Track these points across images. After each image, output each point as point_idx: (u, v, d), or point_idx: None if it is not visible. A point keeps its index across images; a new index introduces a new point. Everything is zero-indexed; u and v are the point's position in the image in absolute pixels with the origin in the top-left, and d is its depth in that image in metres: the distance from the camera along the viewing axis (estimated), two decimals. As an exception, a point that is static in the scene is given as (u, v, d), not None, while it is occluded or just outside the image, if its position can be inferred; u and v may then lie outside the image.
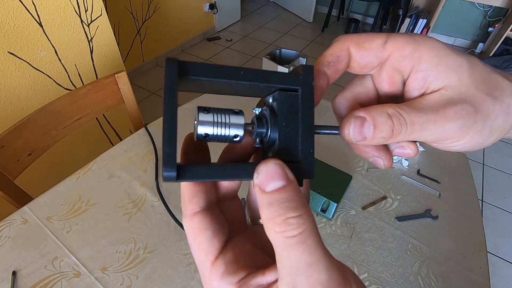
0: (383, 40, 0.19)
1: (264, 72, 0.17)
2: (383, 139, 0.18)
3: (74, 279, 0.57)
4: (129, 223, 0.66)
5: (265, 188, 0.15)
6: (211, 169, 0.16)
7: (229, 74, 0.17)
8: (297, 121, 0.18)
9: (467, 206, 0.74)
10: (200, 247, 0.17)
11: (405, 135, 0.18)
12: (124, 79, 0.94)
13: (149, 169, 0.77)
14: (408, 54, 0.19)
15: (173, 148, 0.15)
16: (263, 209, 0.15)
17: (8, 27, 0.98)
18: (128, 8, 2.24)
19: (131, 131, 1.56)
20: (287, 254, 0.14)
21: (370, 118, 0.18)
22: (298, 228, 0.14)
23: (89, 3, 1.16)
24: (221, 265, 0.17)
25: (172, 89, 0.15)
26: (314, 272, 0.14)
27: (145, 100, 2.35)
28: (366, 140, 0.18)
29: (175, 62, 0.15)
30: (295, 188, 0.16)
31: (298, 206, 0.15)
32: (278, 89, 0.18)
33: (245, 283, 0.16)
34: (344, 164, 0.80)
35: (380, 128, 0.18)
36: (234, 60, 2.86)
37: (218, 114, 0.17)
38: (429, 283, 0.60)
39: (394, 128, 0.18)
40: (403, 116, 0.18)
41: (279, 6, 3.90)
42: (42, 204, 0.68)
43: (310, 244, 0.14)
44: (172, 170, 0.14)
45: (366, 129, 0.18)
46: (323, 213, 0.69)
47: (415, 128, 0.18)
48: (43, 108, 0.80)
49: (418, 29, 2.94)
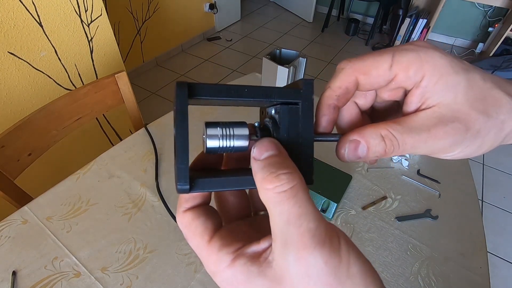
0: (389, 64, 0.20)
1: (266, 88, 0.19)
2: (376, 157, 0.20)
3: (74, 279, 0.57)
4: (129, 223, 0.66)
5: (260, 157, 0.17)
6: (219, 180, 0.18)
7: (235, 93, 0.18)
8: (298, 132, 0.19)
9: (467, 206, 0.74)
10: (195, 233, 0.18)
11: (397, 152, 0.19)
12: (124, 79, 0.94)
13: (149, 169, 0.77)
14: (412, 75, 0.19)
15: (186, 165, 0.16)
16: (257, 173, 0.17)
17: (8, 27, 0.98)
18: (128, 8, 2.24)
19: (131, 131, 1.56)
20: (279, 210, 0.15)
21: (364, 141, 0.19)
22: (289, 183, 0.16)
23: (89, 3, 1.16)
24: (217, 240, 0.18)
25: (183, 113, 0.16)
26: (304, 221, 0.15)
27: (145, 100, 2.35)
28: (360, 159, 0.20)
29: (185, 86, 0.17)
30: (285, 155, 0.18)
31: (289, 166, 0.17)
32: (280, 103, 0.19)
33: (242, 252, 0.17)
34: (344, 164, 0.80)
35: (373, 150, 0.19)
36: (234, 60, 2.86)
37: (224, 128, 0.18)
38: (429, 283, 0.60)
39: (387, 148, 0.19)
40: (395, 137, 0.19)
41: (279, 6, 3.90)
42: (42, 204, 0.68)
43: (301, 197, 0.15)
44: (186, 184, 0.17)
45: (360, 151, 0.20)
46: (323, 213, 0.69)
47: (406, 147, 0.19)
48: (43, 108, 0.80)
49: (418, 29, 2.94)
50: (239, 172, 0.19)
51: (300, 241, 0.15)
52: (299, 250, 0.15)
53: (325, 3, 3.57)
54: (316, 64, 2.85)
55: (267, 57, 0.74)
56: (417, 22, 2.92)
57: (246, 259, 0.16)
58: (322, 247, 0.15)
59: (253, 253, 0.17)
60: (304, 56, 0.75)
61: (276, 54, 0.79)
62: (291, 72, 0.73)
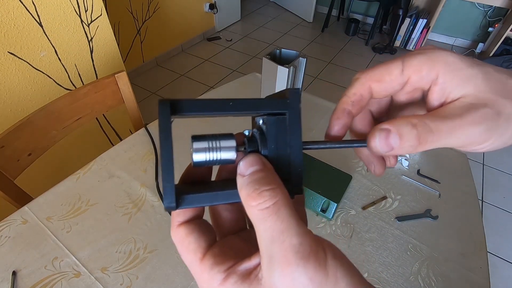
0: (400, 69, 0.20)
1: (252, 101, 0.18)
2: (411, 147, 0.19)
3: (74, 279, 0.57)
4: (129, 223, 0.66)
5: (244, 173, 0.17)
6: (206, 195, 0.18)
7: (219, 107, 0.18)
8: (285, 142, 0.19)
9: (467, 206, 0.74)
10: (188, 249, 0.18)
11: (433, 142, 0.18)
12: (124, 79, 0.94)
13: (149, 169, 0.77)
14: (425, 74, 0.20)
15: (171, 182, 0.17)
16: (242, 189, 0.17)
17: (8, 27, 0.98)
18: (128, 8, 2.24)
19: (131, 131, 1.56)
20: (263, 227, 0.15)
21: (395, 129, 0.19)
22: (271, 200, 0.16)
23: (89, 3, 1.16)
24: (210, 258, 0.18)
25: (166, 131, 0.17)
26: (287, 237, 0.15)
27: (145, 100, 2.35)
28: (393, 150, 0.19)
29: (167, 104, 0.17)
30: (270, 170, 0.18)
31: (271, 182, 0.17)
32: (267, 114, 0.19)
33: (233, 270, 0.17)
34: (344, 164, 0.80)
35: (406, 138, 0.18)
36: (234, 60, 2.86)
37: (211, 141, 0.18)
38: (429, 283, 0.60)
39: (421, 136, 0.18)
40: (428, 124, 0.18)
41: (279, 6, 3.90)
42: (42, 204, 0.68)
43: (283, 213, 0.15)
44: (172, 202, 0.17)
45: (392, 140, 0.19)
46: (323, 213, 0.69)
47: (441, 134, 0.18)
48: (43, 108, 0.80)
49: (418, 29, 2.94)
50: (228, 185, 0.19)
51: (284, 257, 0.14)
52: (283, 267, 0.14)
53: (325, 3, 3.57)
54: (316, 64, 2.85)
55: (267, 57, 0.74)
56: (417, 22, 2.92)
57: (237, 277, 0.16)
58: (306, 263, 0.14)
59: (244, 271, 0.17)
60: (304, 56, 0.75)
61: (276, 54, 0.79)
62: (291, 72, 0.73)
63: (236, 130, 0.21)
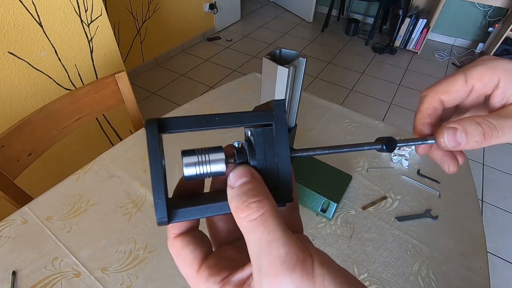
0: (463, 80, 0.23)
1: (238, 114, 0.19)
2: (477, 143, 0.21)
3: (74, 279, 0.57)
4: (129, 223, 0.66)
5: (234, 185, 0.18)
6: (198, 209, 0.18)
7: (206, 123, 0.19)
8: (273, 152, 0.20)
9: (467, 206, 0.74)
10: (184, 261, 0.19)
11: (497, 138, 0.21)
12: (124, 79, 0.94)
13: (149, 169, 0.77)
14: (488, 81, 0.22)
15: (162, 198, 0.17)
16: (231, 201, 0.17)
17: (8, 27, 0.98)
18: (128, 8, 2.24)
19: (131, 131, 1.56)
20: (252, 238, 0.16)
21: (461, 127, 0.21)
22: (258, 211, 0.16)
23: (89, 3, 1.16)
24: (205, 270, 0.18)
25: (155, 149, 0.17)
26: (274, 247, 0.15)
27: (145, 100, 2.35)
28: (460, 145, 0.21)
29: (154, 123, 0.17)
30: (258, 181, 0.18)
31: (259, 194, 0.17)
32: (254, 125, 0.20)
33: (228, 281, 0.17)
34: (344, 164, 0.80)
35: (472, 134, 0.20)
36: (234, 60, 2.86)
37: (200, 155, 0.18)
38: (429, 283, 0.60)
39: (486, 132, 0.20)
40: (492, 122, 0.20)
41: (279, 6, 3.90)
42: (42, 204, 0.68)
43: (270, 224, 0.16)
44: (164, 216, 0.17)
45: (459, 136, 0.21)
46: (323, 213, 0.69)
47: (505, 130, 0.20)
48: (43, 108, 0.80)
49: (418, 29, 2.94)
50: (220, 196, 0.19)
51: (271, 267, 0.15)
52: (271, 277, 0.15)
53: (325, 3, 3.57)
54: (316, 64, 2.85)
55: (267, 57, 0.74)
56: (417, 22, 2.92)
57: (232, 287, 0.17)
58: (293, 272, 0.15)
59: (237, 281, 0.17)
60: (304, 56, 0.75)
61: (276, 54, 0.79)
62: (291, 72, 0.73)
63: (226, 140, 0.21)
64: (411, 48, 3.08)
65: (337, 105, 1.03)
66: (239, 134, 0.84)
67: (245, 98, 1.04)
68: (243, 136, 0.21)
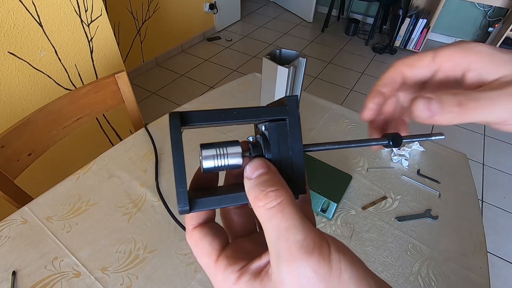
0: (431, 56, 0.22)
1: (255, 109, 0.20)
2: (452, 113, 0.19)
3: (74, 279, 0.57)
4: (129, 223, 0.66)
5: (251, 176, 0.19)
6: (216, 199, 0.19)
7: (225, 117, 0.19)
8: (287, 146, 0.20)
9: (467, 206, 0.74)
10: (203, 252, 0.20)
11: (475, 110, 0.19)
12: (124, 79, 0.94)
13: (149, 169, 0.77)
14: (458, 62, 0.21)
15: (184, 188, 0.18)
16: (249, 192, 0.18)
17: (8, 27, 0.98)
18: (128, 8, 2.24)
19: (131, 131, 1.56)
20: (270, 225, 0.16)
21: (436, 97, 0.19)
22: (276, 200, 0.17)
23: (89, 3, 1.16)
24: (223, 260, 0.19)
25: (177, 141, 0.18)
26: (291, 234, 0.16)
27: (145, 100, 2.35)
28: (435, 115, 0.19)
29: (177, 116, 0.18)
30: (274, 172, 0.19)
31: (276, 183, 0.18)
32: (268, 120, 0.21)
33: (246, 269, 0.18)
34: (344, 164, 0.80)
35: (447, 103, 0.19)
36: (234, 60, 2.86)
37: (218, 148, 0.19)
38: (429, 283, 0.60)
39: (462, 102, 0.19)
40: (469, 93, 0.19)
41: (279, 6, 3.90)
42: (42, 204, 0.68)
43: (287, 211, 0.16)
44: (185, 205, 0.18)
45: (434, 106, 0.19)
46: (323, 213, 0.69)
47: (482, 102, 0.19)
48: (43, 108, 0.80)
49: (418, 29, 2.94)
50: (235, 189, 0.20)
51: (289, 253, 0.15)
52: (289, 262, 0.15)
53: (325, 3, 3.57)
54: (316, 64, 2.85)
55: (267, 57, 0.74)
56: (417, 22, 2.92)
57: (250, 275, 0.17)
58: (310, 257, 0.15)
59: (255, 269, 0.18)
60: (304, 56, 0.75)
61: (276, 54, 0.79)
62: (291, 72, 0.73)
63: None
64: (411, 48, 3.08)
65: (337, 105, 1.03)
66: (239, 134, 0.84)
67: (245, 98, 1.04)
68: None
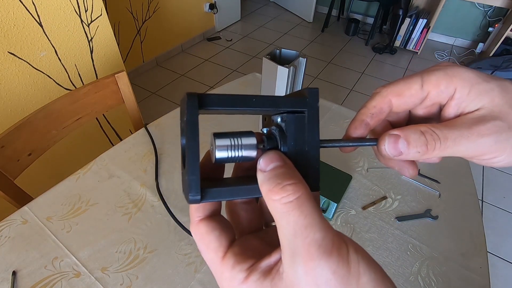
0: (420, 84, 0.21)
1: (274, 98, 0.19)
2: (419, 153, 0.20)
3: (74, 279, 0.57)
4: (129, 223, 0.66)
5: (265, 169, 0.18)
6: (228, 190, 0.18)
7: (243, 103, 0.18)
8: (304, 140, 0.19)
9: (467, 206, 0.74)
10: (209, 247, 0.19)
11: (440, 150, 0.19)
12: (124, 79, 0.94)
13: (149, 169, 0.77)
14: (444, 89, 0.21)
15: (197, 175, 0.17)
16: (263, 184, 0.17)
17: (8, 27, 0.98)
18: (128, 8, 2.24)
19: (131, 131, 1.56)
20: (286, 221, 0.15)
21: (404, 135, 0.20)
22: (294, 194, 0.16)
23: (89, 3, 1.16)
24: (231, 257, 0.18)
25: (194, 124, 0.17)
26: (310, 232, 0.15)
27: (145, 100, 2.35)
28: (402, 155, 0.20)
29: (195, 97, 0.17)
30: (290, 166, 0.18)
31: (293, 177, 0.17)
32: (286, 111, 0.20)
33: (255, 268, 0.17)
34: (344, 164, 0.80)
35: (414, 144, 0.20)
36: (234, 60, 2.86)
37: (232, 138, 0.18)
38: (429, 283, 0.60)
39: (428, 143, 0.19)
40: (436, 132, 0.19)
41: (279, 6, 3.90)
42: (42, 204, 0.68)
43: (306, 208, 0.15)
44: (197, 195, 0.17)
45: (401, 145, 0.20)
46: (323, 213, 0.69)
47: (448, 143, 0.19)
48: (43, 108, 0.80)
49: (418, 29, 2.94)
50: (246, 181, 0.19)
51: (307, 252, 0.15)
52: (306, 261, 0.15)
53: (325, 3, 3.57)
54: (316, 64, 2.85)
55: (267, 57, 0.74)
56: (417, 22, 2.92)
57: (259, 274, 0.17)
58: (329, 257, 0.14)
59: (265, 268, 0.17)
60: (304, 56, 0.75)
61: (276, 54, 0.79)
62: (291, 72, 0.73)
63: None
64: (411, 48, 3.08)
65: (337, 105, 1.03)
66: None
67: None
68: None
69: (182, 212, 0.68)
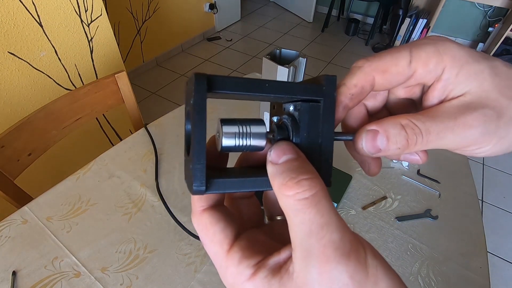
0: (408, 60, 0.18)
1: (288, 84, 0.17)
2: (399, 149, 0.18)
3: (74, 279, 0.57)
4: (129, 223, 0.66)
5: (277, 161, 0.16)
6: (235, 181, 0.17)
7: (256, 88, 0.17)
8: (318, 131, 0.18)
9: (467, 206, 0.74)
10: (213, 239, 0.17)
11: (422, 144, 0.17)
12: (124, 79, 0.94)
13: (149, 169, 0.77)
14: (432, 68, 0.18)
15: (203, 165, 0.15)
16: (275, 178, 0.16)
17: (8, 27, 0.98)
18: (128, 8, 2.24)
19: (131, 131, 1.56)
20: (300, 219, 0.14)
21: (383, 130, 0.18)
22: (310, 190, 0.15)
23: (89, 3, 1.16)
24: (237, 251, 0.17)
25: (201, 108, 0.15)
26: (327, 232, 0.14)
27: (145, 100, 2.35)
28: (381, 152, 0.18)
29: (204, 78, 0.15)
30: (304, 160, 0.16)
31: (309, 171, 0.15)
32: (301, 99, 0.18)
33: (263, 264, 0.16)
34: (344, 164, 0.80)
35: (393, 140, 0.17)
36: (234, 60, 2.86)
37: (241, 126, 0.17)
38: (429, 283, 0.60)
39: (409, 138, 0.17)
40: (417, 126, 0.17)
41: (279, 6, 3.90)
42: (42, 204, 0.68)
43: (323, 205, 0.14)
44: (202, 185, 0.16)
45: (379, 141, 0.18)
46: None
47: (431, 137, 0.17)
48: (43, 108, 0.80)
49: (418, 29, 2.94)
50: (254, 172, 0.18)
51: (323, 253, 0.14)
52: (322, 263, 0.14)
53: (325, 3, 3.57)
54: (316, 64, 2.85)
55: (267, 57, 0.74)
56: (417, 22, 2.92)
57: (267, 271, 0.16)
58: (347, 261, 0.14)
59: (274, 265, 0.16)
60: (304, 56, 0.75)
61: (276, 54, 0.79)
62: (291, 72, 0.73)
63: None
64: (411, 48, 3.07)
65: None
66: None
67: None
68: None
69: (182, 212, 0.68)
